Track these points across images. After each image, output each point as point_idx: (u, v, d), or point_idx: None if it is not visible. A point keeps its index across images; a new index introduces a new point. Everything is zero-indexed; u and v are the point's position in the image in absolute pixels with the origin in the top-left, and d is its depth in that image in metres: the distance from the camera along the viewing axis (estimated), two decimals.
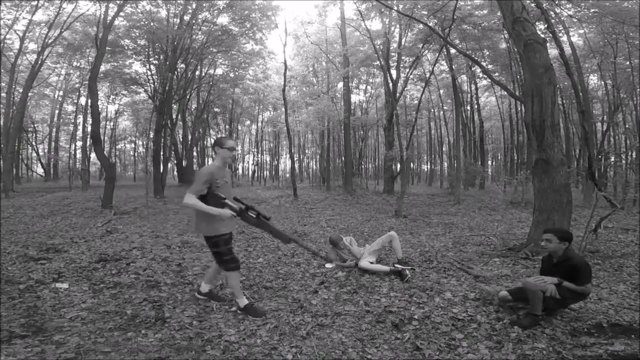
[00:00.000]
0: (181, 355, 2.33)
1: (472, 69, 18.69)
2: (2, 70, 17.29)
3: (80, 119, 26.93)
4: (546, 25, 6.08)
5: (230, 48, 18.34)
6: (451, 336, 2.61)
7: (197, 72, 20.41)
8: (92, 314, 2.94)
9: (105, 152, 16.86)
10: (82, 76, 22.85)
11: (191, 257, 4.87)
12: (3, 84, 18.75)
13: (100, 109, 15.71)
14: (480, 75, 19.74)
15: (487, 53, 18.02)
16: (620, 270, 4.21)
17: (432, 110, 29.16)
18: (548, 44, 5.24)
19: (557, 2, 11.80)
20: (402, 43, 16.01)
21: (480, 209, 10.81)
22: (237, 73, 22.31)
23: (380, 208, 11.35)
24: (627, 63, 14.02)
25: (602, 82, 16.83)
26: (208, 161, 35.76)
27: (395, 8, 12.28)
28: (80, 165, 24.95)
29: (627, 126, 17.85)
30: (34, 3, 14.98)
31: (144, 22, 14.75)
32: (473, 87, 22.45)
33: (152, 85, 16.89)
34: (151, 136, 20.76)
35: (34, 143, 27.54)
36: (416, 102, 21.77)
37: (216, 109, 27.66)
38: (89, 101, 13.54)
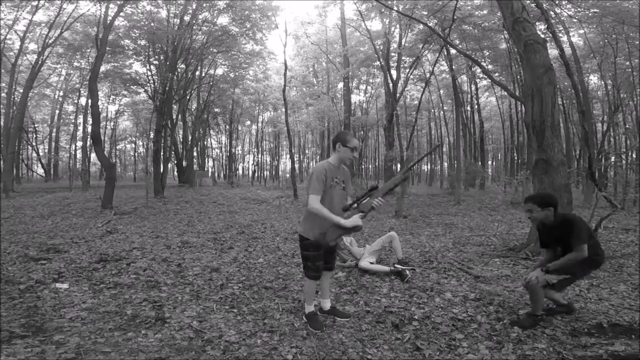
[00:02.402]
0: (181, 355, 2.33)
1: (472, 69, 18.69)
2: (3, 71, 17.30)
3: (80, 119, 26.96)
4: (546, 26, 6.08)
5: (231, 48, 18.35)
6: (451, 336, 2.61)
7: (197, 73, 20.42)
8: (92, 314, 2.93)
9: (105, 152, 16.89)
10: (82, 76, 22.87)
11: (191, 257, 4.87)
12: (3, 84, 18.77)
13: (100, 109, 15.71)
14: (481, 75, 19.74)
15: (487, 53, 18.02)
16: (621, 270, 4.21)
17: (432, 110, 29.17)
18: (548, 44, 5.24)
19: (557, 2, 11.80)
20: (402, 43, 16.01)
21: (480, 209, 10.80)
22: (237, 73, 22.32)
23: (380, 208, 11.33)
24: (627, 63, 14.02)
25: (602, 82, 16.84)
26: (208, 161, 35.90)
27: (395, 8, 12.29)
28: (81, 166, 24.98)
29: (627, 126, 17.84)
30: (34, 3, 14.99)
31: (144, 23, 14.75)
32: (473, 87, 22.45)
33: (152, 86, 16.90)
34: (151, 136, 20.80)
35: (34, 143, 27.58)
36: (416, 102, 21.78)
37: (216, 109, 27.68)
38: (89, 101, 13.54)
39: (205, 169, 29.61)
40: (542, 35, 5.53)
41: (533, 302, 2.79)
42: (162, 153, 15.78)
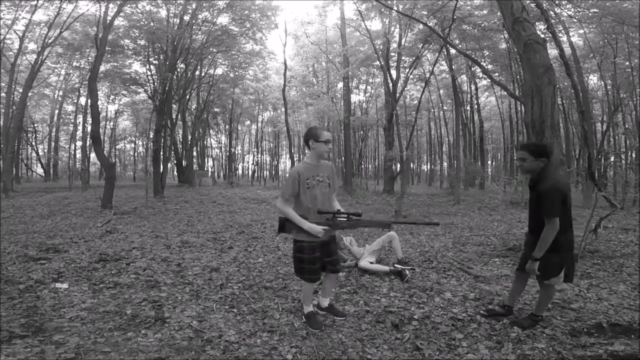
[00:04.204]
0: (181, 355, 2.33)
1: (472, 69, 18.70)
2: (2, 70, 17.30)
3: (80, 119, 26.99)
4: (546, 26, 6.07)
5: (230, 48, 18.36)
6: (451, 336, 2.61)
7: (197, 72, 20.42)
8: (92, 314, 2.93)
9: (105, 152, 16.90)
10: (82, 76, 22.87)
11: (191, 257, 4.87)
12: (3, 84, 18.75)
13: (100, 109, 15.68)
14: (480, 75, 19.75)
15: (487, 53, 18.03)
16: (620, 270, 4.21)
17: (432, 110, 29.19)
18: (548, 44, 5.24)
19: (557, 2, 11.80)
20: (402, 43, 16.01)
21: (480, 209, 10.80)
22: (237, 73, 22.33)
23: (380, 208, 11.34)
24: (627, 63, 14.03)
25: (602, 82, 16.85)
26: (208, 161, 35.88)
27: (395, 8, 12.30)
28: (80, 165, 24.97)
29: (626, 126, 17.86)
30: (34, 3, 14.98)
31: (144, 22, 14.75)
32: (473, 87, 22.47)
33: (152, 85, 16.90)
34: (151, 136, 20.78)
35: (33, 143, 27.57)
36: (416, 102, 21.78)
37: (216, 109, 27.68)
38: (89, 101, 13.54)
39: (205, 169, 29.61)
40: (542, 35, 5.53)
41: (540, 303, 2.75)
42: (161, 153, 15.78)
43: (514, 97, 10.04)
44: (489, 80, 18.53)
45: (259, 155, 36.95)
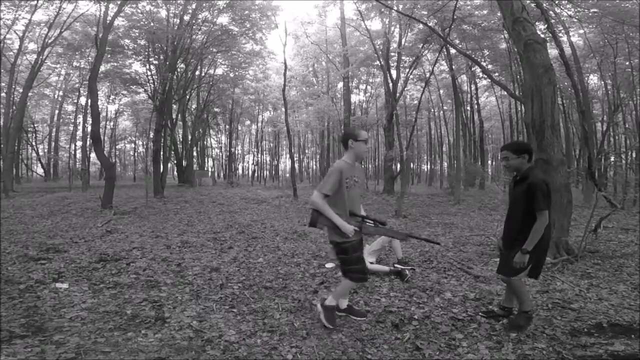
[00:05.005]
0: (181, 355, 2.33)
1: (472, 69, 18.70)
2: (2, 70, 17.30)
3: (80, 119, 27.00)
4: (546, 25, 6.08)
5: (230, 48, 18.38)
6: (451, 336, 2.61)
7: (197, 72, 20.44)
8: (92, 314, 2.93)
9: (105, 152, 16.88)
10: (82, 76, 22.89)
11: (191, 257, 4.87)
12: (3, 84, 18.76)
13: (100, 109, 15.72)
14: (480, 75, 19.76)
15: (487, 53, 18.04)
16: (620, 270, 4.21)
17: (432, 110, 29.19)
18: (548, 44, 5.24)
19: (557, 2, 11.80)
20: (402, 43, 16.01)
21: (480, 209, 10.81)
22: (237, 73, 22.36)
23: (380, 208, 11.34)
24: (627, 63, 14.03)
25: (602, 82, 16.85)
26: (208, 161, 35.89)
27: (395, 8, 12.31)
28: (80, 165, 24.99)
29: (627, 126, 17.86)
30: (33, 3, 14.99)
31: (144, 22, 14.77)
32: (473, 87, 22.47)
33: (152, 85, 16.91)
34: (151, 136, 20.79)
35: (33, 143, 27.59)
36: (416, 102, 21.79)
37: (216, 109, 27.71)
38: (89, 101, 13.55)
39: (205, 169, 29.64)
40: (542, 35, 5.54)
41: (519, 299, 2.71)
42: (161, 153, 15.80)
43: (514, 97, 10.04)
44: (489, 80, 18.54)
45: (259, 155, 36.99)
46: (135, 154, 36.93)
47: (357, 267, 2.67)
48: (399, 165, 17.82)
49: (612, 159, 12.68)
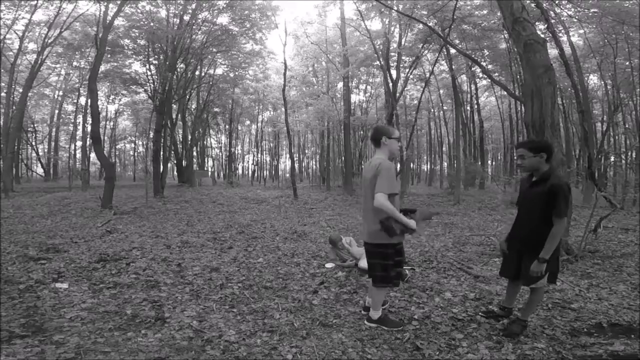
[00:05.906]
0: (181, 355, 2.33)
1: (472, 69, 18.68)
2: (2, 70, 17.30)
3: (80, 119, 26.98)
4: (546, 25, 6.08)
5: (230, 48, 18.36)
6: (451, 336, 2.61)
7: (197, 72, 20.42)
8: (92, 314, 2.93)
9: (105, 152, 16.90)
10: (81, 76, 22.89)
11: (191, 257, 4.87)
12: (3, 84, 18.75)
13: (100, 109, 15.70)
14: (480, 75, 19.74)
15: (487, 53, 18.02)
16: (620, 270, 4.21)
17: (432, 110, 29.16)
18: (548, 44, 5.24)
19: (557, 2, 11.80)
20: (402, 43, 15.99)
21: (480, 209, 10.81)
22: (237, 73, 22.34)
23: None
24: (627, 63, 14.02)
25: (602, 82, 16.83)
26: (208, 161, 35.88)
27: (395, 8, 12.29)
28: (80, 165, 24.98)
29: (627, 126, 17.86)
30: (33, 3, 14.98)
31: (144, 22, 14.75)
32: (473, 87, 22.46)
33: (152, 85, 16.90)
34: (151, 136, 20.79)
35: (33, 143, 27.57)
36: (416, 102, 21.75)
37: (216, 109, 27.68)
38: (89, 101, 13.56)
39: (205, 169, 29.62)
40: (542, 35, 5.53)
41: (529, 306, 2.61)
42: (161, 153, 15.79)
43: (514, 97, 10.04)
44: (489, 80, 18.54)
45: (259, 155, 36.95)
46: (135, 154, 36.91)
47: (397, 271, 2.69)
48: (398, 165, 17.82)
49: (612, 159, 12.70)
